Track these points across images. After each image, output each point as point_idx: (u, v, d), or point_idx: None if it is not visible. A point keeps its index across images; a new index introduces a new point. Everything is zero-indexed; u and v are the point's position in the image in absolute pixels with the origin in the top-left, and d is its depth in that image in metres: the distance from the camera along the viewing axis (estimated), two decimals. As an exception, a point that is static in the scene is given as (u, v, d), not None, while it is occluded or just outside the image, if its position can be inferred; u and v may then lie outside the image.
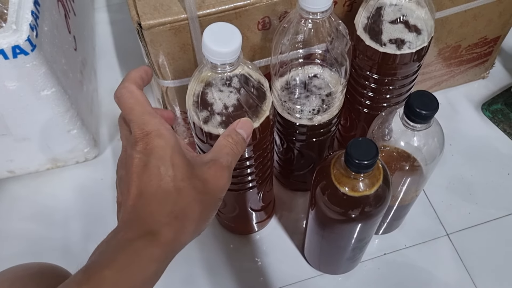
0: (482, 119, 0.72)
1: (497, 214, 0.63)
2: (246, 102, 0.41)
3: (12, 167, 0.66)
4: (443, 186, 0.66)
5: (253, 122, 0.41)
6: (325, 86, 0.50)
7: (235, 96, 0.40)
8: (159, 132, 0.33)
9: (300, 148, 0.57)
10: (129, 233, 0.31)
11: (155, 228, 0.31)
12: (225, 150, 0.36)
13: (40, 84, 0.54)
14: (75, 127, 0.62)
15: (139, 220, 0.32)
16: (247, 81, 0.41)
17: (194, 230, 0.33)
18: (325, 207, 0.46)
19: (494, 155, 0.68)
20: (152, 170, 0.32)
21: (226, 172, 0.35)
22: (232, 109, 0.40)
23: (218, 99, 0.40)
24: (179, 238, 0.32)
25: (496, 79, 0.75)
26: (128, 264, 0.30)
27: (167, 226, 0.32)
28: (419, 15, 0.48)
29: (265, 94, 0.43)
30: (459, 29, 0.62)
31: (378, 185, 0.43)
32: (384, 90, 0.54)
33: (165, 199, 0.32)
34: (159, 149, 0.33)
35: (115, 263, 0.30)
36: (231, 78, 0.40)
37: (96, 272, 0.30)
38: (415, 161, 0.48)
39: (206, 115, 0.41)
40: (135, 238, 0.31)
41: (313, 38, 0.46)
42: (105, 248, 0.31)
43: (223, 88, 0.40)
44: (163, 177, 0.32)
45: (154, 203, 0.32)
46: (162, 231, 0.31)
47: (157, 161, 0.33)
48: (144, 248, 0.31)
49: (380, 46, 0.48)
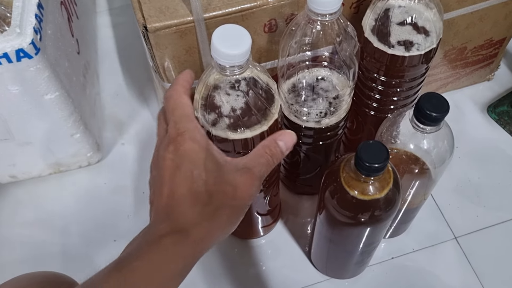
0: (488, 121, 0.71)
1: (506, 217, 0.63)
2: (255, 105, 0.40)
3: (15, 172, 0.65)
4: (450, 189, 0.65)
5: (262, 125, 0.41)
6: (333, 88, 0.50)
7: (243, 99, 0.40)
8: (193, 136, 0.35)
9: (307, 152, 0.56)
10: (161, 229, 0.33)
11: (186, 227, 0.33)
12: (260, 160, 0.37)
13: (43, 88, 0.53)
14: (78, 131, 0.62)
15: (170, 218, 0.33)
16: (255, 83, 0.40)
17: (221, 232, 0.35)
18: (334, 211, 0.45)
19: (501, 157, 0.68)
20: (184, 173, 0.34)
21: (257, 181, 0.36)
22: (240, 112, 0.40)
23: (226, 102, 0.40)
24: (207, 239, 0.34)
25: (502, 81, 0.74)
26: (158, 258, 0.32)
27: (197, 226, 0.33)
28: (427, 16, 0.48)
29: (273, 96, 0.42)
30: (465, 31, 0.62)
31: (389, 189, 0.43)
32: (391, 93, 0.53)
33: (197, 201, 0.33)
34: (192, 153, 0.34)
35: (146, 256, 0.32)
36: (239, 81, 0.39)
37: (127, 264, 0.31)
38: (424, 164, 0.48)
39: (214, 117, 0.40)
40: (166, 235, 0.32)
41: (321, 40, 0.45)
42: (137, 243, 0.33)
43: (231, 91, 0.40)
44: (195, 180, 0.34)
45: (186, 204, 0.33)
46: (192, 231, 0.33)
47: (190, 164, 0.34)
48: (174, 245, 0.32)
49: (389, 48, 0.48)
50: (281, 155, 0.38)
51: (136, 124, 0.73)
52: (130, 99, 0.75)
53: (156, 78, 0.57)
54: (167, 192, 0.34)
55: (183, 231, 0.33)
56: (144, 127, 0.72)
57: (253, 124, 0.41)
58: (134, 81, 0.77)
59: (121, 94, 0.75)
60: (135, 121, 0.73)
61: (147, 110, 0.74)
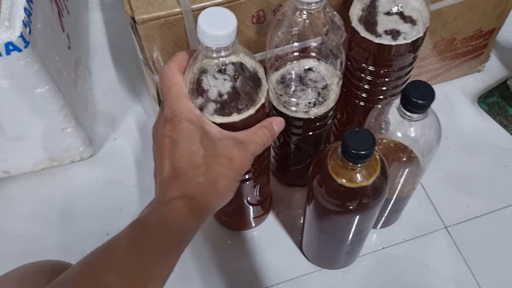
0: (478, 112, 0.72)
1: (495, 207, 0.63)
2: (242, 89, 0.40)
3: (8, 167, 0.65)
4: (441, 179, 0.66)
5: (249, 109, 0.41)
6: (321, 79, 0.50)
7: (230, 83, 0.40)
8: (188, 117, 0.38)
9: (297, 142, 0.56)
10: (170, 194, 0.37)
11: (191, 194, 0.37)
12: (257, 139, 0.41)
13: (33, 81, 0.53)
14: (69, 125, 0.62)
15: (176, 187, 0.37)
16: (242, 67, 0.40)
17: (221, 199, 0.39)
18: (323, 200, 0.46)
19: (491, 147, 0.68)
20: (183, 148, 0.38)
21: (250, 156, 0.40)
22: (227, 96, 0.40)
23: (213, 86, 0.40)
24: (210, 204, 0.38)
25: (492, 72, 0.75)
26: (171, 216, 0.36)
27: (200, 193, 0.37)
28: (414, 5, 0.48)
29: (260, 81, 0.42)
30: (454, 21, 0.62)
31: (376, 176, 0.43)
32: (380, 83, 0.54)
33: (197, 172, 0.38)
34: (188, 131, 0.38)
35: (160, 214, 0.36)
36: (226, 65, 0.39)
37: (143, 220, 0.36)
38: (412, 153, 0.48)
39: (201, 102, 0.40)
40: (176, 197, 0.37)
41: (308, 31, 0.45)
42: (150, 206, 0.37)
43: (218, 75, 0.40)
44: (193, 155, 0.38)
45: (187, 176, 0.37)
46: (197, 196, 0.37)
47: (187, 141, 0.38)
48: (183, 206, 0.36)
49: (376, 37, 0.48)
50: (273, 138, 0.43)
51: (128, 119, 0.73)
52: (122, 94, 0.75)
53: (146, 71, 0.57)
54: (168, 165, 0.38)
55: (189, 197, 0.37)
56: (136, 122, 0.72)
57: (240, 108, 0.41)
58: (126, 77, 0.77)
59: (113, 89, 0.76)
60: (127, 116, 0.73)
61: (139, 105, 0.74)
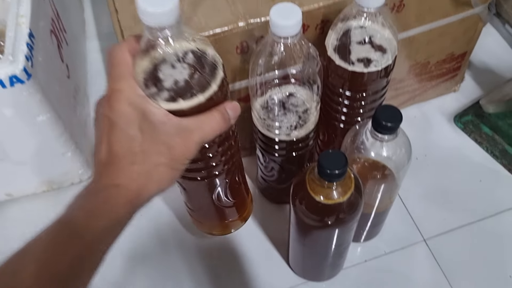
0: (454, 130, 0.76)
1: (471, 219, 0.67)
2: (193, 76, 0.39)
3: (10, 190, 0.69)
4: (419, 194, 0.70)
5: (198, 97, 0.39)
6: (301, 103, 0.54)
7: (181, 70, 0.39)
8: (129, 96, 0.36)
9: (281, 163, 0.60)
10: (103, 182, 0.36)
11: (124, 182, 0.36)
12: (205, 126, 0.38)
13: (35, 110, 0.57)
14: (69, 150, 0.66)
15: (110, 174, 0.36)
16: (196, 55, 0.39)
17: (157, 188, 0.37)
18: (303, 216, 0.49)
19: (467, 163, 0.72)
20: (120, 132, 0.36)
21: (193, 145, 0.38)
22: (177, 83, 0.38)
23: (165, 73, 0.38)
24: (144, 194, 0.37)
25: (467, 92, 0.79)
26: (101, 206, 0.35)
27: (134, 182, 0.36)
28: (383, 35, 0.52)
29: (216, 70, 0.40)
30: (427, 46, 0.67)
31: (350, 193, 0.47)
32: (357, 106, 0.58)
33: (133, 160, 0.36)
34: (127, 114, 0.36)
35: (89, 205, 0.35)
36: (172, 48, 0.38)
37: (74, 208, 0.35)
38: (385, 170, 0.52)
39: (151, 89, 0.38)
40: (108, 186, 0.36)
41: (286, 60, 0.50)
42: (83, 193, 0.36)
43: (169, 60, 0.38)
44: (131, 140, 0.36)
45: (122, 162, 0.36)
46: (131, 185, 0.36)
47: (125, 124, 0.36)
48: (115, 194, 0.35)
49: (349, 65, 0.52)
50: (228, 125, 0.40)
51: (125, 142, 0.77)
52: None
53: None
54: (105, 149, 0.37)
55: (122, 185, 0.36)
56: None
57: (190, 96, 0.39)
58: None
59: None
60: (123, 139, 0.77)
61: (134, 129, 0.78)
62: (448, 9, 0.62)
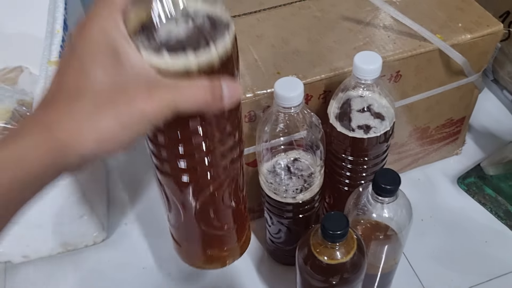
0: (458, 192, 0.78)
1: (478, 280, 0.67)
2: (189, 32, 0.33)
3: (27, 252, 0.72)
4: (426, 255, 0.71)
5: (189, 59, 0.31)
6: (306, 168, 0.57)
7: (183, 26, 0.33)
8: (105, 27, 0.29)
9: (288, 225, 0.63)
10: (34, 121, 0.29)
11: (57, 128, 0.28)
12: (187, 91, 0.30)
13: (56, 175, 0.61)
14: (85, 213, 0.69)
15: (45, 114, 0.29)
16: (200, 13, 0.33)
17: (96, 145, 0.29)
18: (308, 276, 0.51)
19: (472, 224, 0.74)
20: (77, 64, 0.29)
21: (162, 107, 0.30)
22: (174, 40, 0.32)
23: (165, 29, 0.32)
24: (77, 149, 0.28)
25: (469, 154, 0.82)
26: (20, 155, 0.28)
27: (69, 131, 0.28)
28: (381, 104, 0.56)
29: (223, 30, 0.34)
30: (425, 113, 0.70)
31: (353, 253, 0.49)
32: (359, 170, 0.61)
33: (78, 103, 0.29)
34: (96, 46, 0.29)
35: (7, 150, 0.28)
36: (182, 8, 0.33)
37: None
38: (387, 231, 0.54)
39: (139, 39, 0.32)
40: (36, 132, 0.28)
41: (290, 128, 0.54)
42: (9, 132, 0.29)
43: (177, 17, 0.33)
44: (85, 76, 0.29)
45: (65, 100, 0.29)
46: (63, 134, 0.28)
47: (87, 56, 0.29)
48: (37, 137, 0.28)
49: (350, 131, 0.56)
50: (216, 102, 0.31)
51: (138, 205, 0.80)
52: (133, 184, 0.83)
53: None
54: (56, 82, 0.30)
55: (54, 131, 0.28)
56: (145, 209, 0.79)
57: (180, 52, 0.32)
58: (137, 167, 0.85)
59: (125, 179, 0.83)
60: (137, 203, 0.80)
61: (148, 194, 0.81)
62: (443, 78, 0.66)
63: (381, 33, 0.63)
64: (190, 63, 0.31)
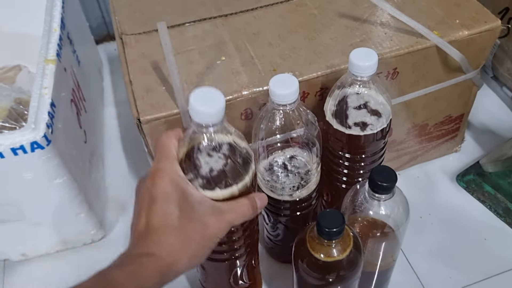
0: (457, 189, 0.77)
1: (477, 278, 0.67)
2: (229, 168, 0.44)
3: (25, 250, 0.72)
4: (424, 252, 0.70)
5: (232, 188, 0.44)
6: (303, 165, 0.57)
7: (220, 161, 0.43)
8: (171, 175, 0.41)
9: (286, 223, 0.62)
10: (139, 250, 0.39)
11: (159, 252, 0.39)
12: (237, 209, 0.43)
13: (53, 173, 0.61)
14: (83, 211, 0.69)
15: (146, 244, 0.39)
16: (233, 148, 0.44)
17: (188, 262, 0.40)
18: (305, 274, 0.51)
19: (471, 222, 0.73)
20: (160, 207, 0.40)
21: (225, 225, 0.42)
22: (215, 173, 0.43)
23: (203, 162, 0.43)
24: (176, 266, 0.39)
25: (468, 152, 0.82)
26: (135, 271, 0.37)
27: (168, 254, 0.39)
28: (378, 101, 0.56)
29: (249, 163, 0.45)
30: (423, 110, 0.70)
31: (349, 250, 0.49)
32: (356, 167, 0.60)
33: (170, 233, 0.40)
34: (168, 190, 0.40)
35: (125, 268, 0.38)
36: (217, 143, 0.43)
37: (107, 272, 0.37)
38: (385, 228, 0.54)
39: (190, 177, 0.43)
40: (144, 255, 0.39)
41: (286, 125, 0.53)
42: (119, 259, 0.39)
43: (209, 152, 0.43)
44: (169, 215, 0.40)
45: (159, 234, 0.40)
46: (164, 256, 0.39)
47: (165, 201, 0.40)
48: (150, 263, 0.38)
49: (346, 129, 0.56)
50: (255, 212, 0.45)
51: (137, 203, 0.80)
52: (131, 182, 0.83)
53: (151, 163, 0.65)
54: (144, 222, 0.40)
55: (157, 255, 0.39)
56: (143, 206, 0.79)
57: (226, 186, 0.44)
58: (135, 166, 0.85)
59: (123, 177, 0.83)
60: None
61: (146, 191, 0.81)
62: (441, 75, 0.65)
63: (378, 30, 0.63)
64: (234, 191, 0.44)
